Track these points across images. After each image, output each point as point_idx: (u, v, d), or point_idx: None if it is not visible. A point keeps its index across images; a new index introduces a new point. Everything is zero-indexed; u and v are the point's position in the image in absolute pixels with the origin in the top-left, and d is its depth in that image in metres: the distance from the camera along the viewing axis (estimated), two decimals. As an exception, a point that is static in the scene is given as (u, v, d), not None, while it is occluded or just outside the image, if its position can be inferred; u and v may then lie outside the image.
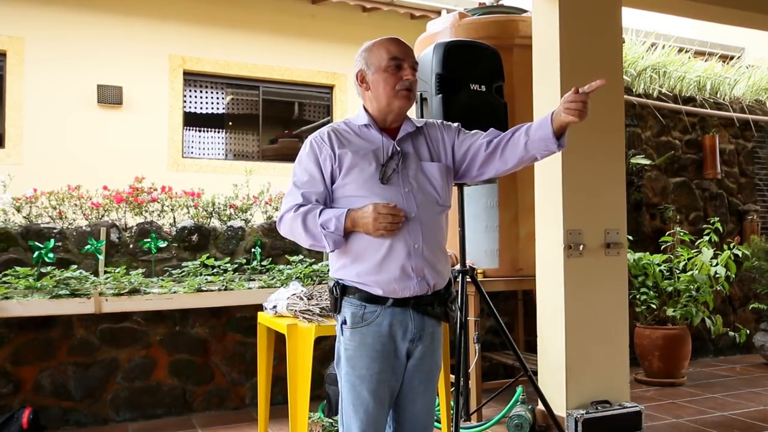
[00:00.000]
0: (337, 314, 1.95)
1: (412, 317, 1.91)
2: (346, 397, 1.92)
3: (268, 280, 4.06)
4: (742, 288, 5.93)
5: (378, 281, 1.87)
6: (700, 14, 4.51)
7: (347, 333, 1.91)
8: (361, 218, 1.83)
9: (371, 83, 1.97)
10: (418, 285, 1.89)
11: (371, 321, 1.89)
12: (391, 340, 1.90)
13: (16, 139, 6.20)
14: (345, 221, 1.84)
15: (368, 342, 1.88)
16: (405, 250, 1.87)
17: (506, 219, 4.08)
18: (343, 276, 1.93)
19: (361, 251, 1.89)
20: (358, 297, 1.90)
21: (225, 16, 7.01)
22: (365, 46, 2.02)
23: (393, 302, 1.88)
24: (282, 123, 7.85)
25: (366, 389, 1.88)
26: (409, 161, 1.96)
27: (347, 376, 1.91)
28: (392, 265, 1.87)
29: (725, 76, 6.40)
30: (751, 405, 4.13)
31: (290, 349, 2.70)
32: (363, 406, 1.88)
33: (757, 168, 6.30)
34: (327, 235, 1.85)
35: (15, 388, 3.67)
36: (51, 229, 3.99)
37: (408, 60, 1.96)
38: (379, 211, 1.81)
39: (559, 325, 3.43)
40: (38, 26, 6.30)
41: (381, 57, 1.95)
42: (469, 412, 3.67)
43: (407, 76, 1.94)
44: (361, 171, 1.90)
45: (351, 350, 1.90)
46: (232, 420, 3.90)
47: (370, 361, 1.88)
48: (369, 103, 2.01)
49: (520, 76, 3.93)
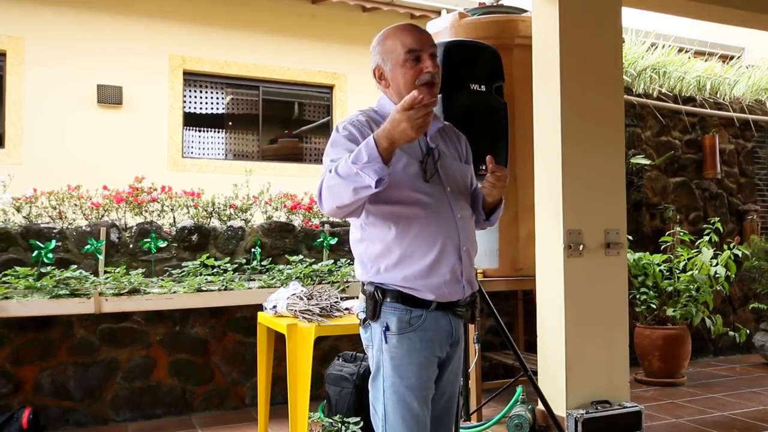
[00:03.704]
0: (375, 321, 1.77)
1: (451, 321, 1.80)
2: (394, 411, 1.73)
3: (268, 280, 4.06)
4: (742, 288, 5.93)
5: (428, 285, 1.73)
6: (700, 14, 4.51)
7: (393, 340, 1.74)
8: (393, 129, 1.52)
9: (390, 80, 1.82)
10: (464, 289, 1.80)
11: (418, 325, 1.75)
12: (433, 346, 1.77)
13: (16, 139, 6.20)
14: (377, 144, 1.54)
15: (417, 348, 1.74)
16: (456, 252, 1.76)
17: (506, 219, 4.07)
18: (385, 281, 1.76)
19: (409, 254, 1.73)
20: (402, 301, 1.74)
21: (225, 16, 7.01)
22: (379, 38, 1.85)
23: (436, 306, 1.76)
24: (282, 123, 7.85)
25: (416, 399, 1.73)
26: (444, 159, 1.84)
27: (394, 387, 1.73)
28: (443, 268, 1.74)
29: (725, 76, 6.41)
30: (751, 405, 4.13)
31: (290, 349, 2.70)
32: (414, 419, 1.72)
33: (757, 168, 6.30)
34: (364, 169, 1.54)
35: (15, 388, 3.67)
36: (51, 229, 3.99)
37: (426, 49, 1.79)
38: (406, 108, 1.50)
39: (559, 325, 3.43)
40: (38, 26, 6.29)
41: (397, 51, 1.79)
42: (469, 412, 3.67)
43: (428, 68, 1.78)
44: (405, 168, 1.74)
45: (398, 358, 1.73)
46: (232, 420, 3.90)
47: (419, 368, 1.74)
48: (392, 99, 1.85)
49: (520, 76, 3.92)
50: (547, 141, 3.54)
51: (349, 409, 3.29)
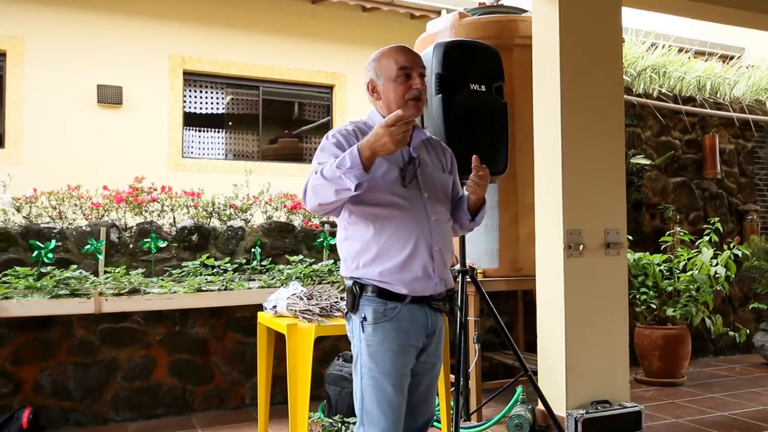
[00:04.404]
0: (354, 313, 1.97)
1: (427, 313, 1.98)
2: (370, 394, 1.91)
3: (268, 280, 4.06)
4: (742, 288, 5.93)
5: (401, 280, 1.92)
6: (700, 14, 4.51)
7: (369, 329, 1.93)
8: (375, 141, 1.75)
9: (382, 93, 2.03)
10: (437, 285, 1.97)
11: (392, 316, 1.93)
12: (408, 336, 1.94)
13: (16, 139, 6.20)
14: (360, 153, 1.76)
15: (391, 337, 1.92)
16: (427, 251, 1.94)
17: (506, 219, 4.08)
18: (363, 275, 1.95)
19: (385, 251, 1.92)
20: (378, 294, 1.93)
21: (225, 16, 7.01)
22: (374, 56, 2.07)
23: (411, 299, 1.94)
24: (282, 123, 7.85)
25: (391, 384, 1.90)
26: (424, 168, 2.04)
27: (371, 373, 1.91)
28: (415, 265, 1.93)
29: (725, 76, 6.41)
30: (751, 405, 4.13)
31: (290, 349, 2.70)
32: (388, 402, 1.90)
33: (757, 168, 6.30)
34: (346, 173, 1.76)
35: (15, 388, 3.67)
36: (51, 229, 3.99)
37: (416, 68, 2.02)
38: (389, 124, 1.73)
39: (559, 325, 3.43)
40: (38, 26, 6.30)
41: (390, 68, 2.01)
42: (469, 412, 3.67)
43: (416, 84, 2.00)
44: (384, 174, 1.94)
45: (374, 346, 1.92)
46: (232, 420, 3.90)
47: (393, 355, 1.91)
48: (381, 111, 2.06)
49: (520, 76, 3.93)
50: (547, 141, 3.54)
51: (349, 409, 3.29)
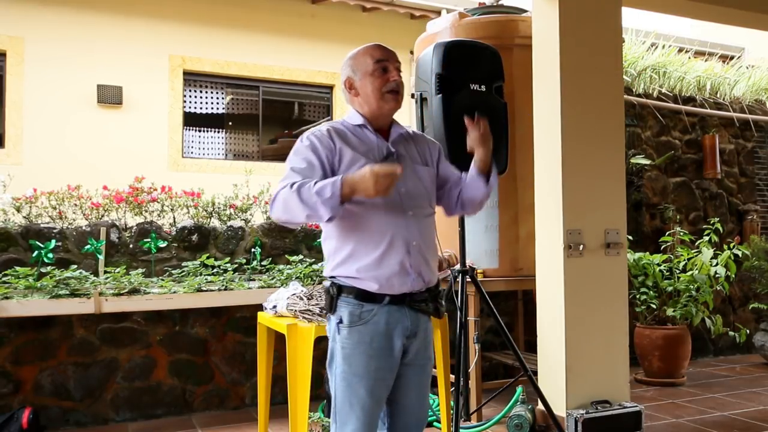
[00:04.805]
0: (332, 314, 1.96)
1: (407, 314, 1.94)
2: (342, 395, 1.92)
3: (268, 280, 4.06)
4: (742, 288, 5.93)
5: (377, 276, 1.89)
6: (700, 14, 4.51)
7: (344, 332, 1.92)
8: (360, 182, 1.77)
9: (359, 88, 2.03)
10: (414, 281, 1.93)
11: (368, 319, 1.91)
12: (387, 338, 1.92)
13: (16, 139, 6.20)
14: (342, 187, 1.79)
15: (366, 340, 1.90)
16: (404, 246, 1.92)
17: (506, 219, 4.08)
18: (341, 273, 1.94)
19: (361, 247, 1.91)
20: (355, 296, 1.91)
21: (225, 16, 7.01)
22: (350, 54, 2.09)
23: (389, 300, 1.91)
24: (282, 123, 7.85)
25: (363, 387, 1.89)
26: (403, 162, 1.99)
27: (344, 374, 1.92)
28: (392, 260, 1.90)
29: (725, 76, 6.40)
30: (751, 405, 4.13)
31: (290, 349, 2.70)
32: (360, 404, 1.90)
33: (757, 168, 6.30)
34: (324, 202, 1.79)
35: (15, 388, 3.67)
36: (51, 229, 3.99)
37: (392, 62, 2.03)
38: (378, 172, 1.76)
39: (559, 325, 3.43)
40: (38, 26, 6.29)
41: (366, 62, 2.02)
42: (469, 412, 3.67)
43: (393, 77, 2.00)
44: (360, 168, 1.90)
45: (348, 348, 1.91)
46: (232, 420, 3.90)
47: (367, 358, 1.90)
48: (360, 108, 2.06)
49: (520, 76, 3.92)
50: (547, 141, 3.54)
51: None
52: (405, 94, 2.09)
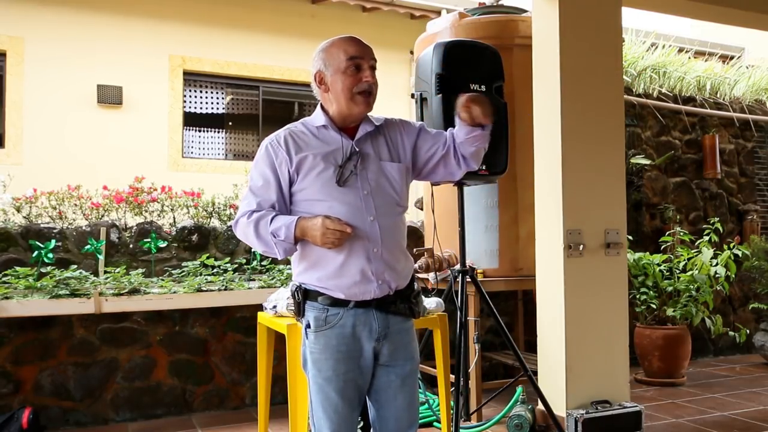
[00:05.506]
0: (301, 318, 1.93)
1: (375, 317, 1.89)
2: (315, 399, 1.91)
3: (268, 280, 4.06)
4: (742, 288, 5.93)
5: (339, 285, 1.86)
6: (700, 14, 4.51)
7: (311, 336, 1.90)
8: (310, 229, 1.82)
9: (330, 85, 1.92)
10: (378, 288, 1.88)
11: (334, 323, 1.87)
12: (355, 341, 1.88)
13: (16, 139, 6.20)
14: (294, 230, 1.83)
15: (332, 344, 1.87)
16: (364, 254, 1.86)
17: (506, 219, 4.08)
18: (305, 280, 1.92)
19: (321, 256, 1.87)
20: (321, 300, 1.88)
21: (225, 16, 7.01)
22: (322, 45, 1.97)
23: (355, 304, 1.87)
24: (282, 123, 7.65)
25: (333, 390, 1.87)
26: (368, 162, 1.92)
27: (314, 379, 1.90)
28: (352, 269, 1.85)
29: (725, 76, 6.40)
30: (751, 405, 4.13)
31: (290, 349, 2.70)
32: (332, 407, 1.88)
33: (757, 168, 6.30)
34: (277, 243, 1.84)
35: (15, 388, 3.67)
36: (51, 229, 3.99)
37: (367, 60, 1.90)
38: (327, 227, 1.79)
39: (559, 325, 3.43)
40: (38, 26, 6.30)
41: (339, 58, 1.90)
42: (469, 412, 3.67)
43: (366, 77, 1.89)
44: (319, 174, 1.87)
45: (316, 353, 1.89)
46: (232, 420, 3.90)
47: (335, 362, 1.87)
48: (328, 105, 1.96)
49: (520, 76, 3.92)
50: (547, 141, 3.54)
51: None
52: (404, 94, 2.04)
